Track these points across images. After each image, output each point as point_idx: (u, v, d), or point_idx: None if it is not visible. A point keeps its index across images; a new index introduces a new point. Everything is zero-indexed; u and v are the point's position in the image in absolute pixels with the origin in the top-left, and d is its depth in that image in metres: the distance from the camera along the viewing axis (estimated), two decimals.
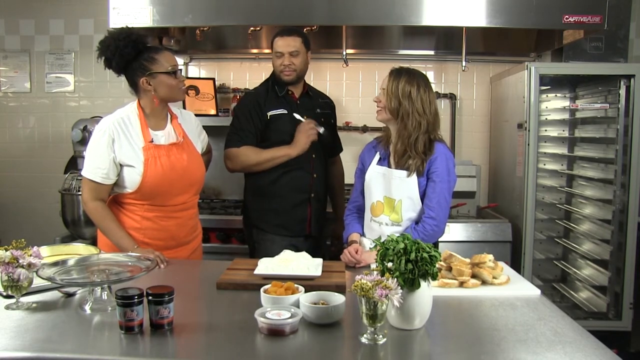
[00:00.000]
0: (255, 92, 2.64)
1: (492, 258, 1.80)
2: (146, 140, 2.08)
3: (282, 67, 2.49)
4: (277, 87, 2.57)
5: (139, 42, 2.08)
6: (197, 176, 2.21)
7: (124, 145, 2.06)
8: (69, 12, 3.80)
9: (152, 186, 2.07)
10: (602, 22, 2.61)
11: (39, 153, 3.90)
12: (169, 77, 2.08)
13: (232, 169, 2.55)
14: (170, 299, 1.34)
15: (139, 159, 2.06)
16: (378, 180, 2.17)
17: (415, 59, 3.72)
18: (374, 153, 2.25)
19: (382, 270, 1.38)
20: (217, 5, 2.70)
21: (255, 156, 2.48)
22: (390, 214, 2.13)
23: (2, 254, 1.51)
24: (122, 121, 2.10)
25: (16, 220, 3.88)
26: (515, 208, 3.13)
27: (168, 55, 2.12)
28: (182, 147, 2.16)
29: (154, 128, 2.14)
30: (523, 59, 3.51)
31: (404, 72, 2.12)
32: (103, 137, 2.05)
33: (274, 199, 2.54)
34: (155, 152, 2.08)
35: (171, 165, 2.10)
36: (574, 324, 1.45)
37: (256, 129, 2.51)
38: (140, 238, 2.11)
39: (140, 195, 2.09)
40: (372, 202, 2.19)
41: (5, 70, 3.88)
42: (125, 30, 2.09)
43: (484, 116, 3.75)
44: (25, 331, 1.35)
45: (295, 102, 2.59)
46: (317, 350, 1.31)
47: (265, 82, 2.65)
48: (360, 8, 2.66)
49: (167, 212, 2.14)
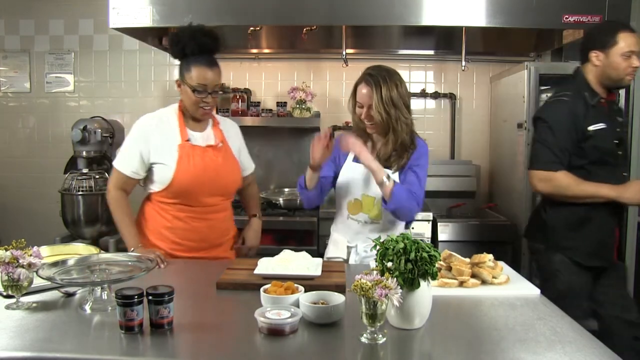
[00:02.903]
0: (572, 101, 2.22)
1: (491, 258, 1.80)
2: (183, 138, 2.10)
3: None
4: (590, 96, 2.23)
5: (211, 42, 2.05)
6: (229, 181, 2.20)
7: (158, 143, 2.09)
8: (68, 12, 3.80)
9: (183, 185, 2.08)
10: (601, 22, 2.61)
11: (39, 153, 3.90)
12: (192, 91, 2.06)
13: (541, 191, 2.27)
14: (170, 298, 1.34)
15: (173, 157, 2.07)
16: (355, 178, 2.13)
17: (415, 59, 3.73)
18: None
19: (381, 269, 1.38)
20: (217, 5, 2.71)
21: (576, 188, 2.17)
22: (369, 212, 2.12)
23: (2, 254, 1.51)
24: (160, 119, 2.14)
25: (16, 220, 3.88)
26: (515, 208, 3.13)
27: (204, 71, 2.03)
28: (219, 150, 2.16)
29: (193, 129, 2.15)
30: (523, 58, 3.51)
31: (380, 78, 2.01)
32: (137, 133, 2.11)
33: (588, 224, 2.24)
34: (190, 152, 2.09)
35: (204, 166, 2.10)
36: (574, 323, 1.45)
37: (573, 146, 2.20)
38: (171, 237, 2.15)
39: (170, 193, 2.11)
40: (349, 200, 2.15)
41: (5, 70, 3.88)
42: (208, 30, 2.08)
43: (483, 116, 3.75)
44: (25, 331, 1.35)
45: (609, 113, 2.27)
46: (317, 350, 1.31)
47: (575, 88, 2.26)
48: (360, 8, 2.66)
49: (198, 213, 2.15)
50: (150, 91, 3.85)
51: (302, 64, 3.77)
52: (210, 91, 2.06)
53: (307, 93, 3.50)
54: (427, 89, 3.74)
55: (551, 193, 2.24)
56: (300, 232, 3.11)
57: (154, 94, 3.85)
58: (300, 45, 3.49)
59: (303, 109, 3.50)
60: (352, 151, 2.04)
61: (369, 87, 2.01)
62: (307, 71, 3.76)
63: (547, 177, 2.20)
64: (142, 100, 3.84)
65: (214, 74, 2.06)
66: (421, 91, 3.72)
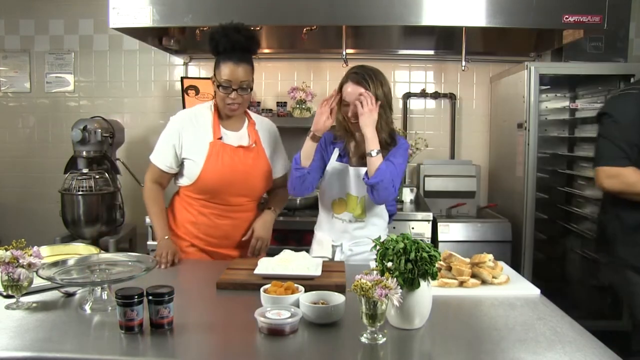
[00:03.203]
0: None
1: (491, 258, 1.80)
2: (215, 136, 2.11)
3: None
4: None
5: (244, 40, 2.04)
6: (258, 182, 2.19)
7: (191, 138, 2.11)
8: (68, 12, 3.80)
9: (209, 183, 2.10)
10: (601, 22, 2.61)
11: (39, 153, 3.90)
12: (218, 87, 2.07)
13: (608, 189, 2.07)
14: (170, 298, 1.34)
15: (202, 154, 2.09)
16: (339, 177, 2.15)
17: (415, 58, 3.73)
18: (332, 148, 2.19)
19: (381, 269, 1.38)
20: (217, 5, 2.70)
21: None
22: (353, 211, 2.14)
23: (2, 254, 1.51)
24: (194, 115, 2.16)
25: (16, 220, 3.88)
26: (515, 208, 3.13)
27: (231, 67, 2.03)
28: (251, 151, 2.16)
29: (227, 127, 2.16)
30: (523, 58, 3.51)
31: (366, 76, 2.02)
32: (172, 128, 2.14)
33: None
34: (220, 150, 2.10)
35: (233, 166, 2.10)
36: (574, 323, 1.45)
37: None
38: (195, 232, 2.18)
39: (197, 189, 2.13)
40: (334, 200, 2.17)
41: (5, 70, 3.88)
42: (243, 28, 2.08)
43: (483, 116, 3.75)
44: (25, 331, 1.35)
45: None
46: (317, 350, 1.31)
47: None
48: (360, 8, 2.66)
49: (222, 210, 2.16)
50: (150, 91, 3.85)
51: (302, 64, 3.77)
52: (235, 87, 2.04)
53: (307, 93, 3.50)
54: (427, 89, 3.73)
55: (621, 191, 2.04)
56: (300, 232, 3.10)
57: (154, 94, 3.85)
58: (300, 45, 3.49)
59: (303, 109, 3.50)
60: (359, 108, 1.98)
61: (356, 84, 2.04)
62: (307, 71, 3.76)
63: (614, 173, 2.01)
64: (142, 100, 3.84)
65: (240, 71, 2.04)
66: (421, 91, 3.72)
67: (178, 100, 3.62)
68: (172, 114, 2.24)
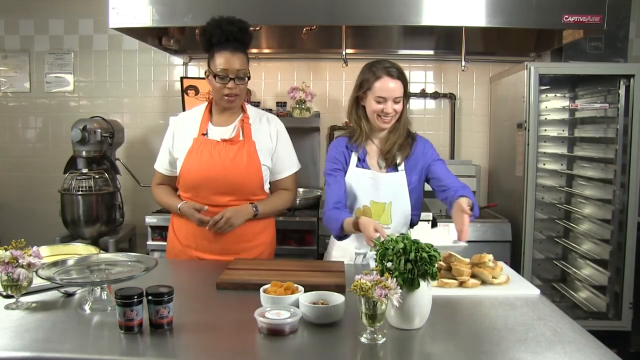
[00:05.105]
0: None
1: (491, 258, 1.80)
2: (200, 132, 2.10)
3: None
4: None
5: (237, 31, 2.03)
6: (241, 178, 2.06)
7: (180, 138, 2.14)
8: (68, 12, 3.80)
9: (189, 178, 2.09)
10: (601, 22, 2.61)
11: (39, 153, 3.90)
12: (215, 78, 2.03)
13: None
14: (170, 298, 1.34)
15: (186, 150, 2.10)
16: (362, 184, 2.05)
17: (415, 58, 3.73)
18: (349, 153, 2.09)
19: (381, 270, 1.38)
20: (217, 6, 2.69)
21: None
22: (379, 218, 2.04)
23: (2, 254, 1.51)
24: (188, 115, 2.20)
25: (16, 220, 3.88)
26: (515, 208, 3.13)
27: (226, 56, 2.00)
28: (234, 144, 2.07)
29: (217, 124, 2.14)
30: (523, 58, 3.51)
31: (401, 71, 2.01)
32: (168, 131, 2.20)
33: None
34: (202, 145, 2.08)
35: (210, 161, 2.04)
36: (574, 323, 1.45)
37: None
38: (184, 233, 2.17)
39: (181, 187, 2.14)
40: (357, 208, 2.07)
41: (5, 70, 3.88)
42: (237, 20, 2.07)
43: (483, 116, 3.75)
44: (25, 331, 1.35)
45: None
46: (317, 350, 1.31)
47: None
48: (360, 8, 2.66)
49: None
50: (150, 91, 3.85)
51: (302, 64, 3.77)
52: (232, 77, 2.01)
53: (307, 93, 3.50)
54: (427, 89, 3.73)
55: None
56: (300, 232, 3.10)
57: (153, 94, 3.85)
58: (300, 45, 3.49)
59: (303, 109, 3.50)
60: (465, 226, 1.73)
61: (398, 79, 1.99)
62: (307, 71, 3.76)
63: None
64: (142, 100, 3.84)
65: (236, 59, 2.01)
66: (421, 91, 3.72)
67: (178, 100, 3.62)
68: (172, 114, 2.26)
